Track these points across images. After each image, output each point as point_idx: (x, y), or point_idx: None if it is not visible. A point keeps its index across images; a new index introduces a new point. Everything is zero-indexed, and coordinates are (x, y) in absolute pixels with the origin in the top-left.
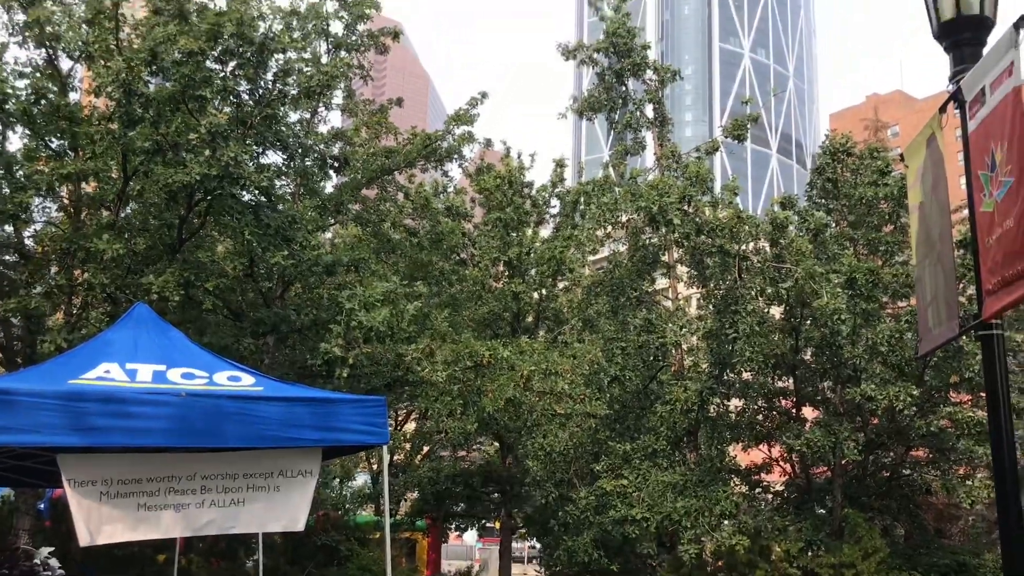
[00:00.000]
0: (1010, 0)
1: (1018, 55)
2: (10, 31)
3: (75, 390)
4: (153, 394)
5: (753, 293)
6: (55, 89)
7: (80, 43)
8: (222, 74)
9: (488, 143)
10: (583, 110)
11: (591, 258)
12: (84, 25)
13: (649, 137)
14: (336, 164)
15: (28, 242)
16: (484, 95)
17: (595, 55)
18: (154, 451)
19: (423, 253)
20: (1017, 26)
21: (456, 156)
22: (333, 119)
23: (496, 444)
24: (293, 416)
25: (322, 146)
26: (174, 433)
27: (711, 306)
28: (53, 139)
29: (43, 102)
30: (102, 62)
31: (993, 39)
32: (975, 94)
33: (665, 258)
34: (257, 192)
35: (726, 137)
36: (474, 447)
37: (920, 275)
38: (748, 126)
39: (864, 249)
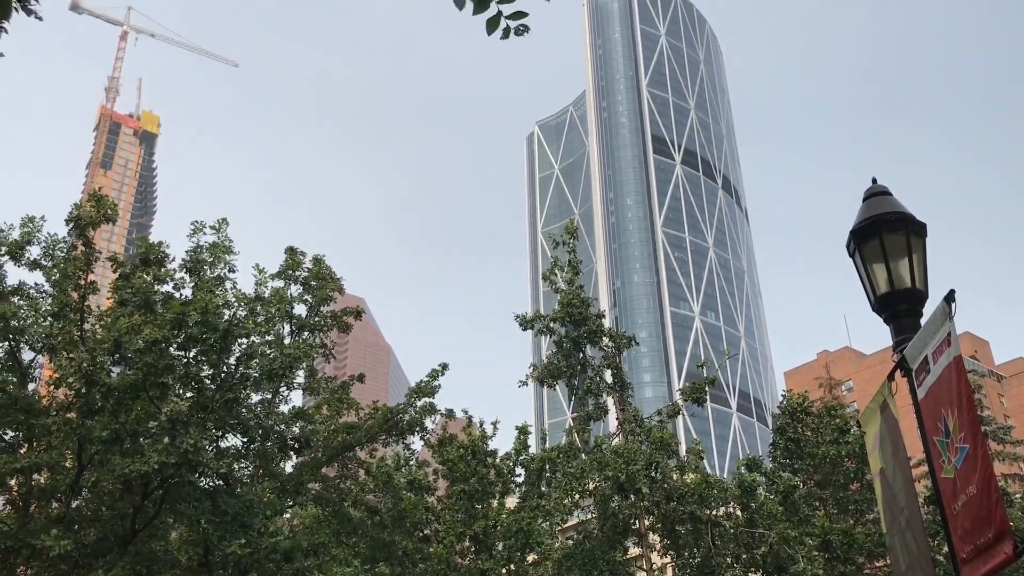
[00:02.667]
0: (940, 274)
1: (953, 327)
2: None
3: None
4: None
5: (729, 561)
6: (14, 380)
7: (43, 336)
8: (185, 360)
9: (450, 413)
10: (543, 377)
11: (559, 527)
12: (49, 318)
13: (610, 401)
14: (297, 444)
15: None
16: (445, 367)
17: (552, 324)
18: None
19: (385, 532)
20: (948, 299)
21: (418, 428)
22: (295, 397)
23: None
24: None
25: (283, 426)
26: None
27: None
28: (8, 431)
29: (2, 395)
30: (65, 353)
31: (928, 309)
32: (919, 363)
33: (636, 526)
34: (216, 478)
35: (685, 400)
36: None
37: (891, 543)
38: (707, 388)
39: (834, 508)
